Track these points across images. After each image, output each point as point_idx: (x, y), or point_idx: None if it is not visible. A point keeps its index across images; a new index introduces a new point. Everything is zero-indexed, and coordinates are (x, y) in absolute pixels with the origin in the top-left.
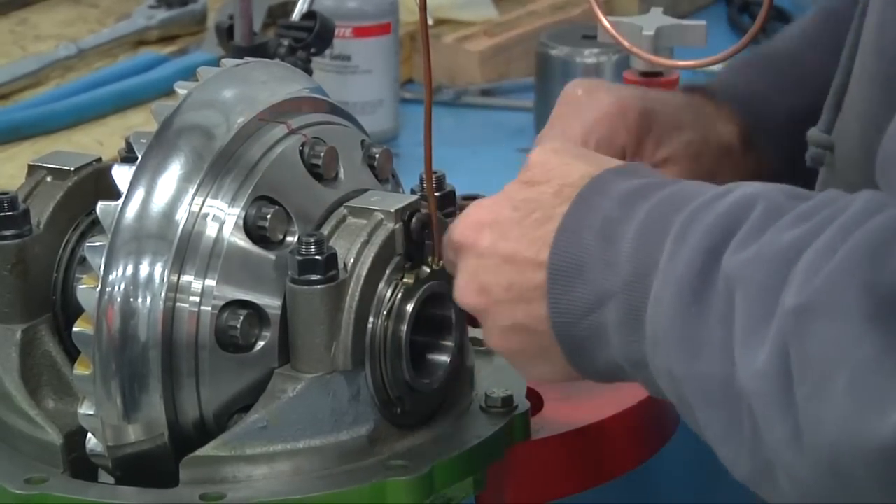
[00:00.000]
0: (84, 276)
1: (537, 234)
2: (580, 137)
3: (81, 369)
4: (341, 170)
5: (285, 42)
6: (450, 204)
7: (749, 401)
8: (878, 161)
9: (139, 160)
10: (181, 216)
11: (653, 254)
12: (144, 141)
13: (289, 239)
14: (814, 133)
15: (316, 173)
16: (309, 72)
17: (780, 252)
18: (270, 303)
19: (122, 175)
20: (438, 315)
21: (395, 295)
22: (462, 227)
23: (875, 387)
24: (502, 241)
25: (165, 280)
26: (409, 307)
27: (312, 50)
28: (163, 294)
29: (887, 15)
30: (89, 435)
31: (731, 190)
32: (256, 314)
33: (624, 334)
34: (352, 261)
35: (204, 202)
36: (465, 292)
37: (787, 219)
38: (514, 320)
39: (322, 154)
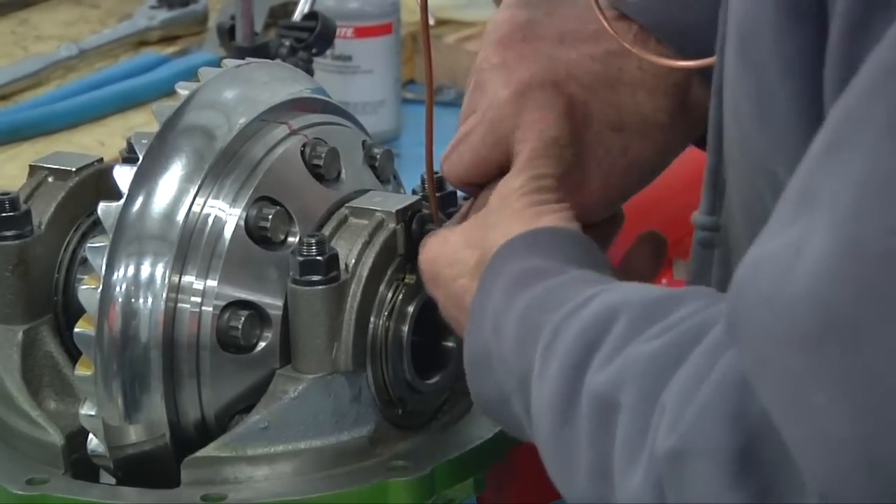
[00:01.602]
0: (85, 276)
1: (460, 297)
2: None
3: (83, 370)
4: (342, 170)
5: (286, 42)
6: (451, 204)
7: None
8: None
9: (140, 161)
10: (182, 217)
11: (528, 359)
12: (146, 141)
13: (290, 239)
14: (697, 217)
15: (317, 174)
16: (310, 72)
17: (643, 371)
18: (272, 303)
19: (123, 176)
20: (440, 315)
21: (396, 295)
22: (423, 261)
23: None
24: (444, 292)
25: (167, 281)
26: (411, 308)
27: (314, 50)
28: (164, 295)
29: (741, 109)
30: (90, 436)
31: (593, 298)
32: (258, 315)
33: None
34: (353, 261)
35: (205, 203)
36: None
37: (649, 332)
38: None
39: (323, 155)
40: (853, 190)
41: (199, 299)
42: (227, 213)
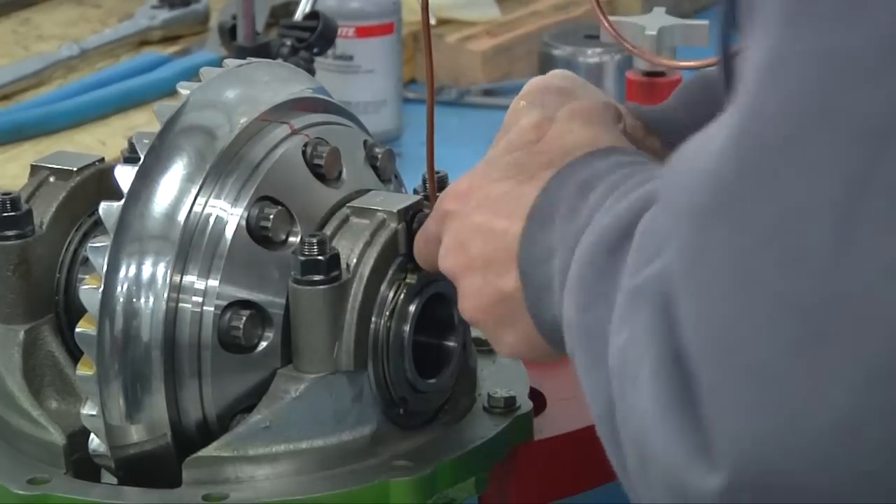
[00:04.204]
0: (87, 276)
1: (517, 194)
2: None
3: (84, 370)
4: (344, 170)
5: (288, 42)
6: None
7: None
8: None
9: (142, 160)
10: (184, 216)
11: (600, 203)
12: (147, 141)
13: (291, 239)
14: None
15: (318, 174)
16: (311, 72)
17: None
18: (273, 303)
19: (124, 175)
20: (441, 315)
21: (397, 295)
22: (451, 195)
23: (675, 379)
24: (484, 206)
25: (168, 280)
26: (412, 307)
27: (315, 50)
28: (165, 294)
29: None
30: (92, 435)
31: None
32: (259, 314)
33: (562, 284)
34: (354, 261)
35: (206, 202)
36: (445, 255)
37: None
38: (485, 280)
39: (324, 154)
40: (752, 74)
41: (200, 299)
42: (228, 213)
